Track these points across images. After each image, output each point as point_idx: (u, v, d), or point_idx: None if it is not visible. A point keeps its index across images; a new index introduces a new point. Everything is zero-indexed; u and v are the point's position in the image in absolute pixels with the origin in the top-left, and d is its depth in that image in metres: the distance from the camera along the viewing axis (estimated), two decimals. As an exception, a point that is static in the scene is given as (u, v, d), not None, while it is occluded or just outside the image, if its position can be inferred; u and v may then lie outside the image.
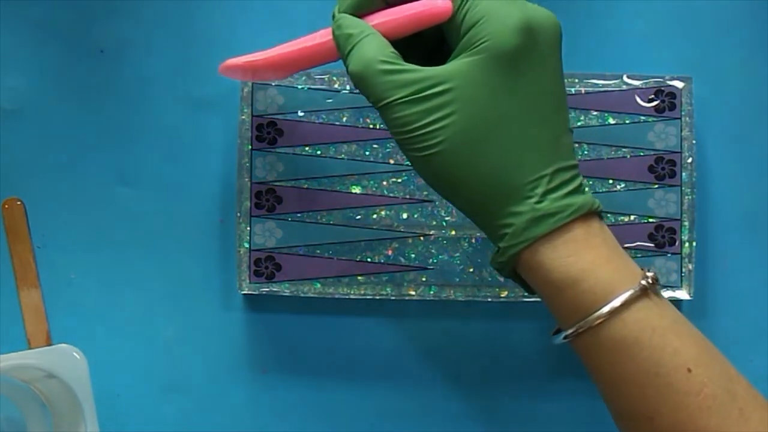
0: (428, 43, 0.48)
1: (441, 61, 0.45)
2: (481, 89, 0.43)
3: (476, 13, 0.44)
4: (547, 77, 0.45)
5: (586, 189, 0.56)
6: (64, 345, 0.53)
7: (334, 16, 0.48)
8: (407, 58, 0.45)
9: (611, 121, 0.57)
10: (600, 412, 0.57)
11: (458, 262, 0.57)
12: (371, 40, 0.45)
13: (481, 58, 0.43)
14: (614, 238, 0.45)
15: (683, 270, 0.56)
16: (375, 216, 0.57)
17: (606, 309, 0.42)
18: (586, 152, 0.57)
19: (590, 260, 0.43)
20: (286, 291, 0.57)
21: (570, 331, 0.44)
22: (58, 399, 0.54)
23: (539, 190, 0.43)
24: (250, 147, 0.57)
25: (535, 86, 0.44)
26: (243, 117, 0.57)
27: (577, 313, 0.43)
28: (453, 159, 0.44)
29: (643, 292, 0.43)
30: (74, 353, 0.53)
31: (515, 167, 0.43)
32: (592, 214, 0.44)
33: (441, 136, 0.43)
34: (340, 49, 0.47)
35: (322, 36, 0.49)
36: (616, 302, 0.42)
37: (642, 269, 0.44)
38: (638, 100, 0.57)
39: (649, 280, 0.43)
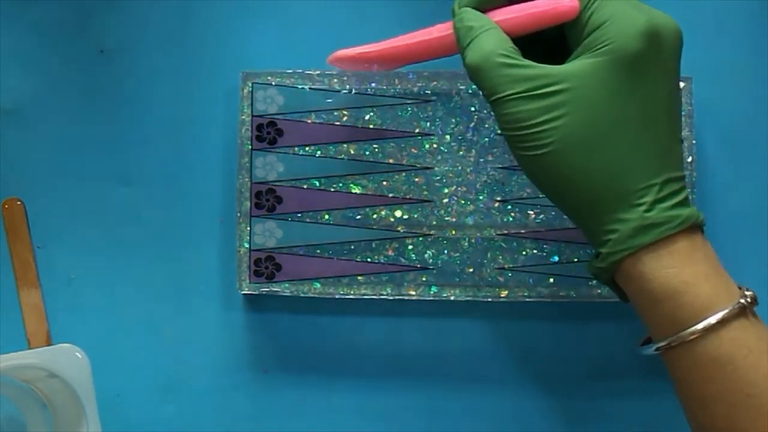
0: (548, 42, 0.48)
1: (559, 60, 0.45)
2: (599, 91, 0.43)
3: (602, 14, 0.44)
4: (664, 84, 0.44)
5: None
6: (66, 345, 0.53)
7: (453, 13, 0.47)
8: (525, 56, 0.45)
9: (611, 121, 0.57)
10: (601, 412, 0.57)
11: (458, 262, 0.57)
12: (492, 33, 0.45)
13: (602, 60, 0.43)
14: (714, 253, 0.45)
15: (683, 270, 0.56)
16: (375, 216, 0.57)
17: (702, 325, 0.42)
18: (586, 152, 0.57)
19: (691, 274, 0.43)
20: (286, 291, 0.57)
21: (663, 343, 0.43)
22: (59, 399, 0.54)
23: (648, 199, 0.43)
24: (250, 147, 0.57)
25: (653, 93, 0.44)
26: (243, 117, 0.57)
27: (672, 326, 0.43)
28: (563, 160, 0.43)
29: (741, 311, 0.42)
30: (76, 353, 0.53)
31: (626, 173, 0.43)
32: (696, 227, 0.44)
33: (553, 136, 0.43)
34: (460, 41, 0.46)
35: (440, 30, 0.49)
36: (713, 319, 0.42)
37: (740, 288, 0.44)
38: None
39: (748, 299, 0.43)
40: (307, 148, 0.57)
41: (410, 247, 0.57)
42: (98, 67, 0.59)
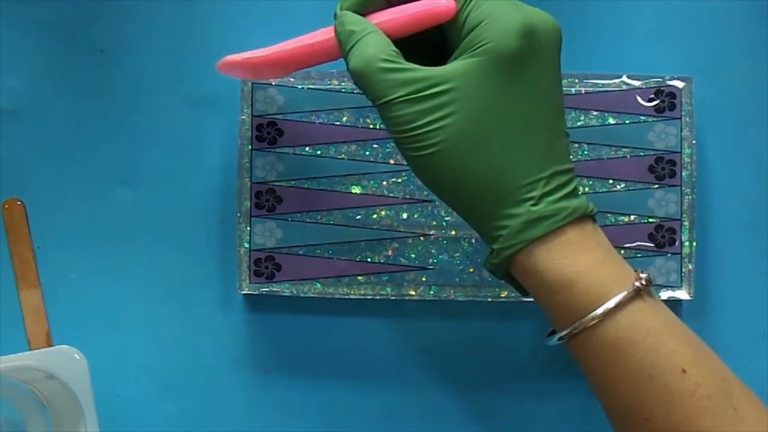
0: (429, 43, 0.48)
1: (442, 61, 0.45)
2: (480, 91, 0.43)
3: (478, 14, 0.44)
4: (545, 80, 0.45)
5: (581, 191, 0.57)
6: (64, 346, 0.53)
7: (335, 15, 0.48)
8: (408, 58, 0.45)
9: (611, 121, 0.57)
10: (599, 411, 0.57)
11: (458, 262, 0.57)
12: (373, 37, 0.45)
13: (481, 60, 0.43)
14: (607, 240, 0.45)
15: (683, 270, 0.56)
16: (375, 216, 0.57)
17: (600, 310, 0.43)
18: (586, 152, 0.57)
19: (584, 262, 0.43)
20: (286, 291, 0.57)
21: (564, 332, 0.44)
22: (58, 400, 0.54)
23: (535, 193, 0.44)
24: (250, 147, 0.57)
25: (534, 89, 0.44)
26: (243, 117, 0.57)
27: (571, 314, 0.44)
28: (450, 160, 0.44)
29: (637, 294, 0.43)
30: (74, 354, 0.53)
31: (512, 170, 0.44)
32: (586, 217, 0.45)
33: (439, 137, 0.43)
34: (342, 46, 0.47)
35: (323, 34, 0.49)
36: (610, 303, 0.43)
37: (636, 271, 0.44)
38: (638, 100, 0.57)
39: (643, 282, 0.43)
40: (307, 148, 0.57)
41: (410, 247, 0.57)
42: (98, 67, 0.59)
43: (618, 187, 0.57)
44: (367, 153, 0.57)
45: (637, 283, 0.43)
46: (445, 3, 0.45)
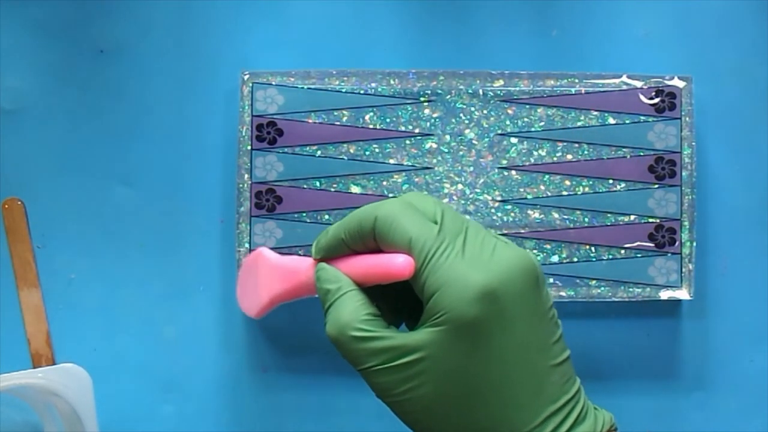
0: (410, 293, 0.46)
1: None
2: (450, 358, 0.42)
3: (436, 279, 0.42)
4: (522, 330, 0.42)
5: (581, 191, 0.56)
6: (69, 364, 0.53)
7: (313, 251, 0.47)
8: (393, 305, 0.45)
9: (611, 121, 0.57)
10: (608, 409, 0.57)
11: (458, 262, 0.57)
12: (347, 300, 0.44)
13: (444, 329, 0.42)
14: None
15: (683, 270, 0.56)
16: (375, 216, 0.57)
17: None
18: (586, 152, 0.57)
19: None
20: (286, 291, 0.57)
21: None
22: (62, 414, 0.54)
23: None
24: (250, 147, 0.57)
25: (507, 346, 0.42)
26: (243, 117, 0.57)
27: None
28: (434, 422, 0.43)
29: None
30: (79, 373, 0.53)
31: (500, 426, 0.42)
32: None
33: (417, 403, 0.43)
34: (321, 302, 0.45)
35: (308, 272, 0.47)
36: None
37: None
38: (639, 99, 0.57)
39: None
40: (307, 148, 0.57)
41: (410, 247, 0.57)
42: (98, 67, 0.59)
43: (618, 187, 0.57)
44: (367, 153, 0.57)
45: None
46: (400, 264, 0.42)
